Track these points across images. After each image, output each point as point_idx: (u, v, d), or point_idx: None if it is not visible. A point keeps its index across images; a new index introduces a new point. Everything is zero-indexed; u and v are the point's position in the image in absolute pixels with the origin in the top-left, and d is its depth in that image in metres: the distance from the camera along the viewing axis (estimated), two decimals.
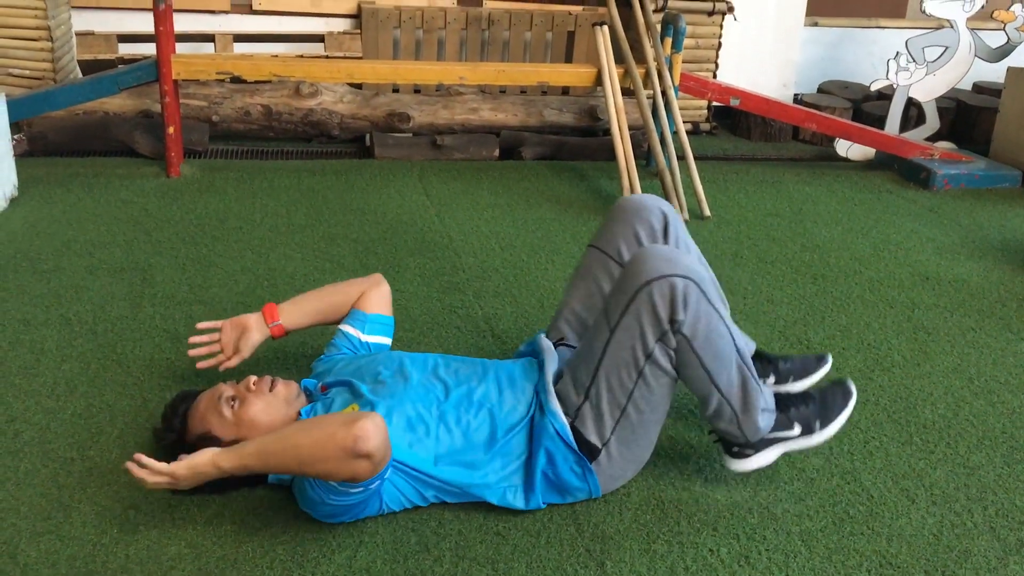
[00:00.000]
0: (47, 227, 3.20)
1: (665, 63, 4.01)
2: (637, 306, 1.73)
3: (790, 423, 1.90)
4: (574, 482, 1.83)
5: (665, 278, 1.71)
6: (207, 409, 1.81)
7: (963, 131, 4.99)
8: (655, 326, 1.73)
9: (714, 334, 1.75)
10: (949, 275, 3.20)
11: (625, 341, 1.75)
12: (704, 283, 1.74)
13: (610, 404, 1.79)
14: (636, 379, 1.77)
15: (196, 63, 3.73)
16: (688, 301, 1.71)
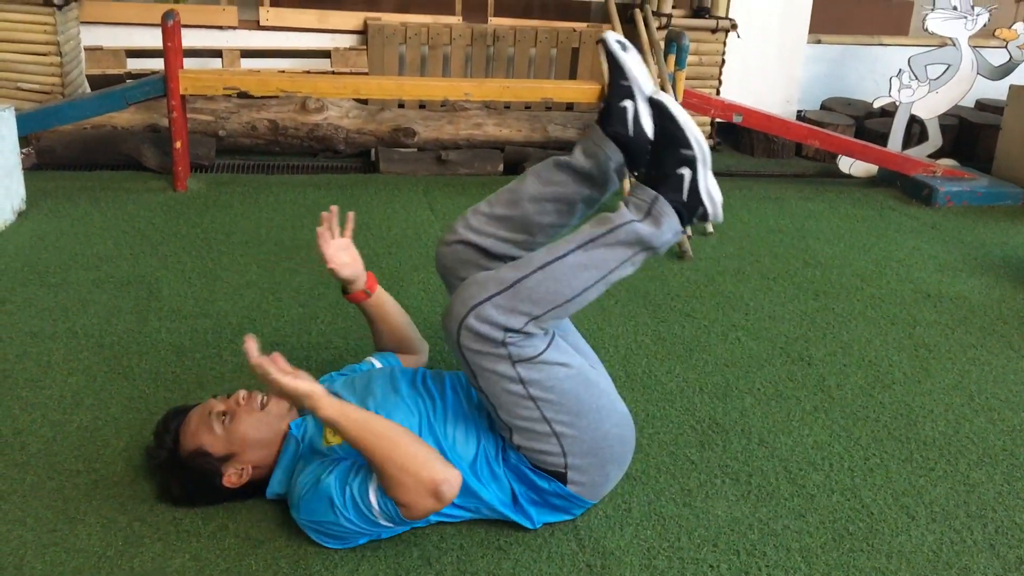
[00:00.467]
0: (55, 240, 3.23)
1: (668, 80, 4.04)
2: (472, 362, 1.70)
3: (677, 180, 1.72)
4: (559, 503, 1.84)
5: (459, 330, 1.67)
6: (198, 425, 1.82)
7: (965, 148, 5.01)
8: (497, 358, 1.69)
9: (536, 291, 1.67)
10: (951, 292, 3.21)
11: (496, 388, 1.72)
12: (481, 293, 1.67)
13: (539, 439, 1.76)
14: (535, 405, 1.73)
15: (203, 78, 3.76)
16: (491, 318, 1.66)
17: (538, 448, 1.77)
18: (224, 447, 1.80)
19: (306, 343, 2.59)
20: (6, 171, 3.33)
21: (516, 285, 1.69)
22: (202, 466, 1.80)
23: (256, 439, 1.82)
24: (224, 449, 1.80)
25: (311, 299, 2.87)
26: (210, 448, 1.80)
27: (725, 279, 3.22)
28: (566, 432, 1.76)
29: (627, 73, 1.87)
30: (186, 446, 1.81)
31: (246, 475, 1.83)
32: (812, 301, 3.08)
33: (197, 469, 1.80)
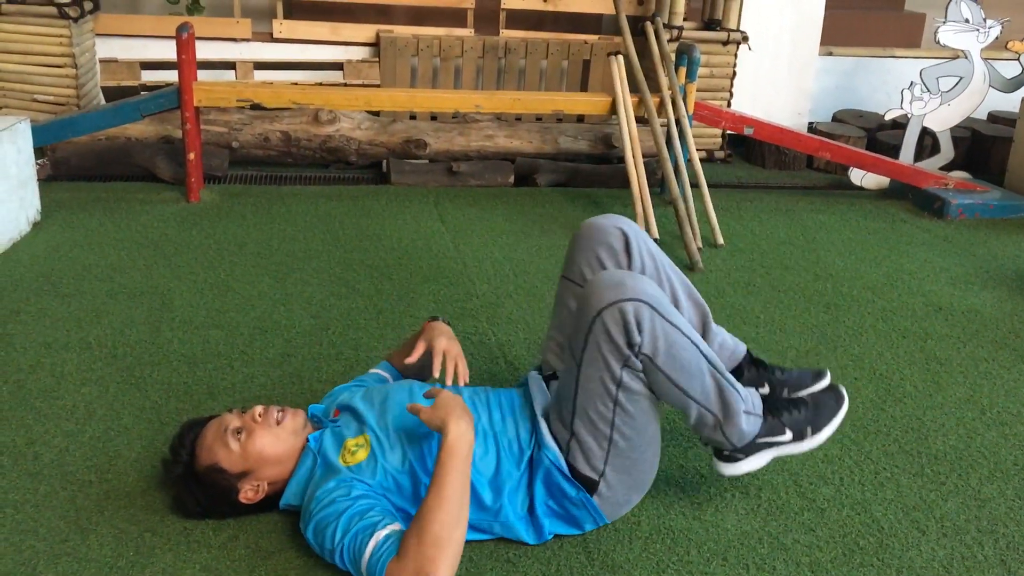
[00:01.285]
0: (69, 251, 3.26)
1: (679, 92, 4.05)
2: (594, 338, 1.73)
3: (782, 428, 1.88)
4: (577, 513, 1.84)
5: (614, 305, 1.70)
6: (214, 441, 1.82)
7: (978, 161, 5.00)
8: (616, 353, 1.72)
9: (675, 348, 1.73)
10: (962, 305, 3.20)
11: (593, 374, 1.75)
12: (655, 300, 1.72)
13: (595, 437, 1.79)
14: (613, 408, 1.76)
15: (217, 90, 3.79)
16: (641, 322, 1.70)
17: (588, 444, 1.79)
18: (240, 464, 1.81)
19: (317, 354, 2.60)
20: (21, 182, 3.36)
21: (675, 329, 1.74)
22: (218, 482, 1.81)
23: (272, 456, 1.82)
24: (240, 466, 1.81)
25: (322, 310, 2.89)
26: (226, 465, 1.80)
27: (735, 291, 3.22)
28: (619, 444, 1.79)
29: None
30: (202, 461, 1.82)
31: (262, 491, 1.84)
32: (823, 314, 3.07)
33: (212, 484, 1.81)
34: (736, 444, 1.86)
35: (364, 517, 1.67)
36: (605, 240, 2.02)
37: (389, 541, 1.62)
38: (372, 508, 1.70)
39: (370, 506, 1.70)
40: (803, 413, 1.91)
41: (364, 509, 1.69)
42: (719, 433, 1.84)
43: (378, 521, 1.66)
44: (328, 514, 1.70)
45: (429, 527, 1.58)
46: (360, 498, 1.72)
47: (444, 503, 1.61)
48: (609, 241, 2.02)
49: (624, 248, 2.01)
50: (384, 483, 1.77)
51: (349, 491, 1.73)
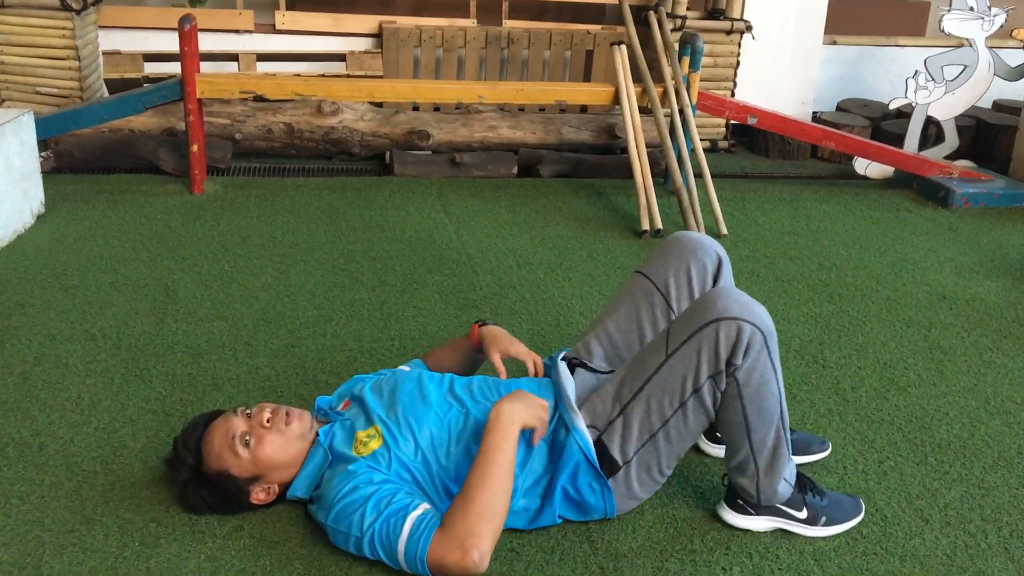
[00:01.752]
0: (73, 243, 3.26)
1: (683, 82, 4.04)
2: (700, 338, 1.74)
3: (801, 505, 1.90)
4: (591, 499, 1.85)
5: (735, 320, 1.72)
6: (222, 448, 1.80)
7: (982, 149, 4.98)
8: (712, 363, 1.74)
9: (765, 388, 1.76)
10: (967, 294, 3.20)
11: (678, 369, 1.77)
12: (771, 338, 1.75)
13: (642, 425, 1.80)
14: (677, 408, 1.78)
15: (220, 82, 3.79)
16: (751, 349, 1.72)
17: (631, 430, 1.81)
18: (250, 470, 1.80)
19: (320, 345, 2.60)
20: (25, 175, 3.37)
21: (773, 372, 1.77)
22: (228, 488, 1.81)
23: (282, 461, 1.82)
24: (250, 472, 1.80)
25: (326, 301, 2.89)
26: (236, 472, 1.80)
27: (739, 281, 3.20)
28: (659, 443, 1.82)
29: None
30: (210, 466, 1.81)
31: (273, 493, 1.85)
32: (827, 303, 3.07)
33: (223, 490, 1.81)
34: (761, 501, 1.88)
35: (393, 501, 1.68)
36: (701, 258, 2.04)
37: (428, 518, 1.64)
38: (398, 491, 1.71)
39: (395, 490, 1.71)
40: (823, 502, 1.92)
41: (390, 493, 1.70)
42: (753, 484, 1.86)
43: (409, 503, 1.67)
44: (352, 501, 1.69)
45: (474, 501, 1.61)
46: (384, 483, 1.72)
47: (488, 478, 1.63)
48: (704, 261, 2.04)
49: (715, 272, 2.05)
50: (400, 473, 1.77)
51: (371, 478, 1.73)
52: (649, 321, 2.04)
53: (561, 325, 2.81)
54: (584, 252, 3.43)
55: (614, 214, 3.88)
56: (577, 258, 3.37)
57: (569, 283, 3.14)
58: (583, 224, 3.74)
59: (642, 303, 2.05)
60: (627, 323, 2.06)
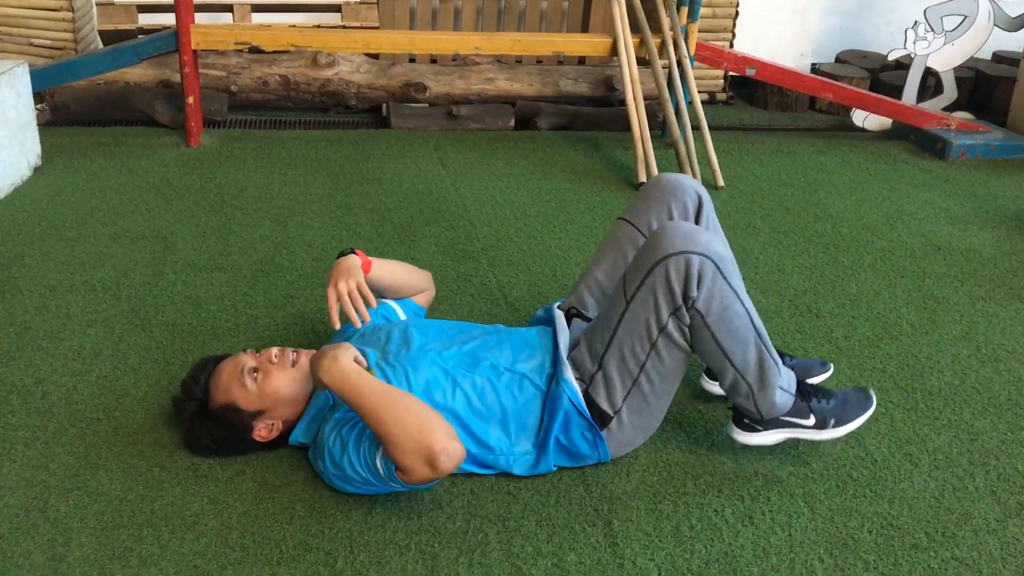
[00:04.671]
0: (71, 195, 3.27)
1: (681, 33, 4.02)
2: (653, 280, 1.76)
3: (807, 412, 1.92)
4: (585, 448, 1.88)
5: (682, 254, 1.73)
6: (230, 380, 1.85)
7: (981, 101, 4.97)
8: (669, 301, 1.76)
9: (729, 312, 1.77)
10: (961, 245, 3.21)
11: (640, 314, 1.79)
12: (722, 261, 1.76)
13: (622, 374, 1.83)
14: (649, 351, 1.81)
15: (215, 33, 3.77)
16: (703, 278, 1.73)
17: (612, 380, 1.83)
18: (256, 403, 1.84)
19: (319, 296, 2.62)
20: (21, 127, 3.36)
21: (733, 294, 1.77)
22: (233, 420, 1.84)
23: (287, 396, 1.86)
24: (256, 405, 1.84)
25: (324, 253, 2.90)
26: (242, 404, 1.84)
27: (735, 233, 3.23)
28: (643, 386, 1.84)
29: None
30: (216, 400, 1.85)
31: (276, 430, 1.88)
32: (822, 254, 3.09)
33: (227, 423, 1.85)
34: (763, 415, 1.89)
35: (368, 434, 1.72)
36: (681, 198, 2.05)
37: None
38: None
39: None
40: (831, 404, 1.94)
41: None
42: (750, 402, 1.88)
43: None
44: (341, 442, 1.74)
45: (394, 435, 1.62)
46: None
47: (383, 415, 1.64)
48: (685, 201, 2.05)
49: (696, 211, 2.06)
50: None
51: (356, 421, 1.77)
52: None
53: (558, 276, 2.83)
54: (581, 204, 3.44)
55: (611, 166, 3.88)
56: (574, 210, 3.38)
57: (566, 235, 3.15)
58: (580, 176, 3.74)
59: (628, 249, 2.07)
60: (614, 270, 2.08)
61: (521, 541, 1.72)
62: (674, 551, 1.72)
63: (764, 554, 1.72)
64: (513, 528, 1.75)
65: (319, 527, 1.73)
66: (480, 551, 1.69)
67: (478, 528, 1.75)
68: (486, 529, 1.75)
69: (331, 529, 1.73)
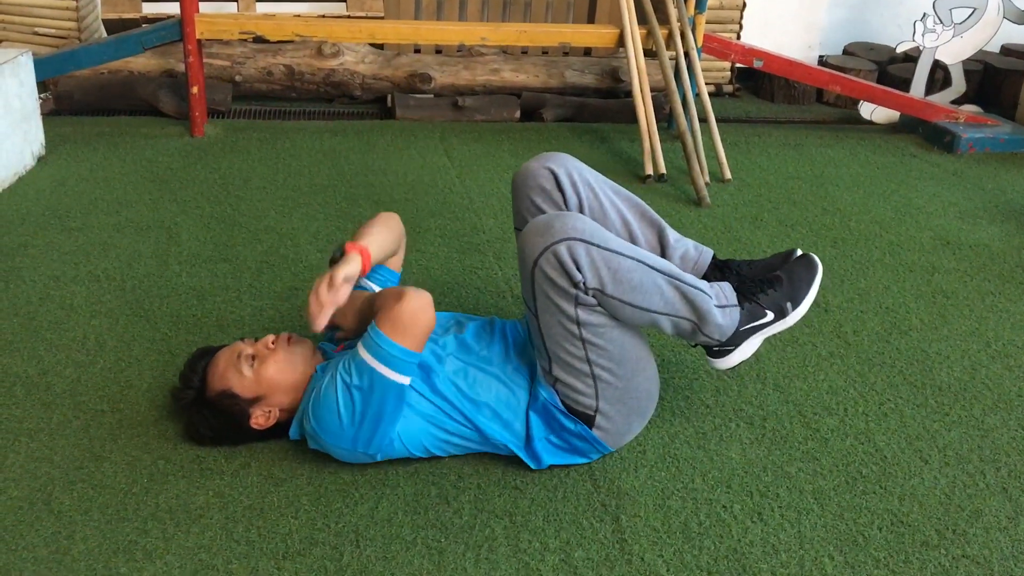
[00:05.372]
0: (74, 185, 3.25)
1: (688, 24, 3.99)
2: (539, 287, 1.72)
3: (761, 311, 1.87)
4: (580, 445, 1.87)
5: (547, 250, 1.68)
6: (227, 367, 1.84)
7: (990, 94, 4.93)
8: (564, 296, 1.71)
9: (621, 272, 1.71)
10: (970, 240, 3.19)
11: (551, 320, 1.75)
12: (585, 233, 1.69)
13: (577, 377, 1.79)
14: (583, 345, 1.76)
15: (219, 22, 3.74)
16: (578, 259, 1.68)
17: (573, 385, 1.80)
18: (252, 390, 1.83)
19: None
20: (24, 116, 3.34)
21: (615, 254, 1.71)
22: (230, 407, 1.83)
23: (284, 382, 1.85)
24: (252, 392, 1.83)
25: (329, 244, 2.89)
26: (238, 390, 1.82)
27: (742, 226, 3.21)
28: (603, 376, 1.80)
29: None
30: (214, 387, 1.84)
31: (273, 417, 1.86)
32: (830, 248, 3.06)
33: (225, 410, 1.83)
34: (720, 339, 1.84)
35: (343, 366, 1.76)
36: (536, 183, 1.96)
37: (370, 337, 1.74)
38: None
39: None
40: (779, 290, 1.88)
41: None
42: (700, 335, 1.83)
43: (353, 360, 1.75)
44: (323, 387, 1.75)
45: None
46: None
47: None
48: (540, 184, 1.96)
49: (555, 186, 1.96)
50: None
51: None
52: None
53: None
54: None
55: (617, 159, 3.86)
56: None
57: None
58: None
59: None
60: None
61: (528, 536, 1.71)
62: (682, 547, 1.70)
63: (773, 551, 1.71)
64: (520, 523, 1.74)
65: (325, 521, 1.72)
66: (487, 546, 1.68)
67: (485, 523, 1.74)
68: (493, 524, 1.73)
69: (337, 523, 1.72)
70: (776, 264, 2.02)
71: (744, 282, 1.92)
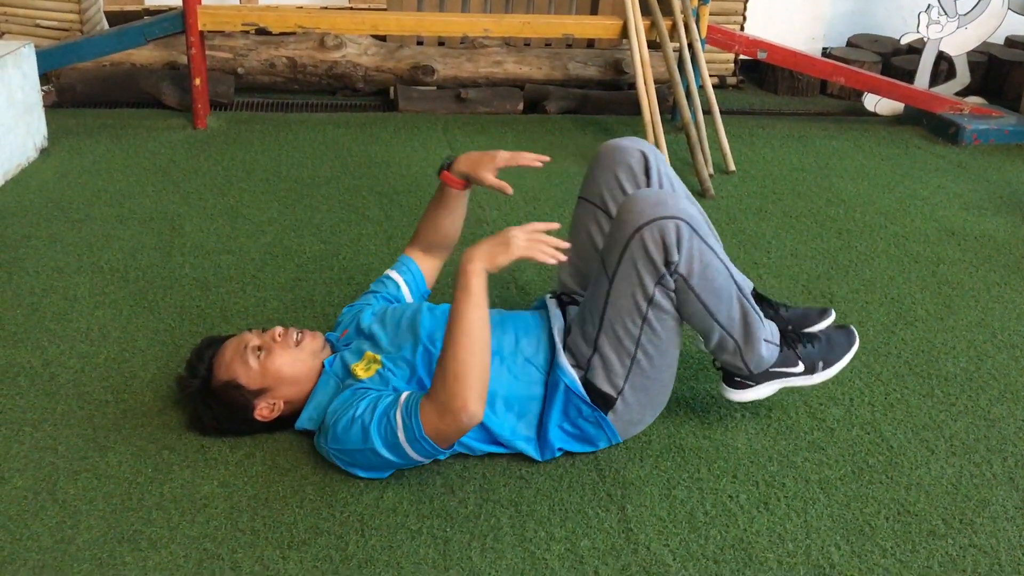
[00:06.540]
0: (77, 177, 3.24)
1: (692, 15, 3.97)
2: (631, 253, 1.73)
3: (795, 360, 1.91)
4: (592, 432, 1.86)
5: (655, 222, 1.70)
6: (233, 357, 1.84)
7: (994, 86, 4.92)
8: (651, 271, 1.73)
9: (710, 270, 1.74)
10: (975, 230, 3.18)
11: (625, 289, 1.76)
12: (695, 221, 1.73)
13: (619, 353, 1.80)
14: (641, 325, 1.78)
15: (222, 14, 3.74)
16: (680, 241, 1.70)
17: (609, 361, 1.80)
18: (258, 381, 1.82)
19: (328, 279, 2.60)
20: (27, 108, 3.34)
21: (711, 251, 1.75)
22: (235, 398, 1.82)
23: (290, 375, 1.84)
24: (258, 383, 1.82)
25: (332, 235, 2.88)
26: (244, 381, 1.82)
27: (747, 217, 3.20)
28: (642, 362, 1.81)
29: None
30: (219, 377, 1.84)
31: (277, 409, 1.85)
32: (835, 239, 3.05)
33: (229, 400, 1.83)
34: (752, 370, 1.88)
35: (382, 399, 1.72)
36: (625, 161, 2.00)
37: (412, 399, 1.67)
38: (381, 394, 1.75)
39: (379, 394, 1.75)
40: (816, 348, 1.93)
41: (375, 398, 1.73)
42: (738, 358, 1.86)
43: (393, 398, 1.71)
44: (348, 418, 1.71)
45: (448, 365, 1.62)
46: (368, 391, 1.77)
47: (457, 337, 1.63)
48: (629, 163, 2.00)
49: (644, 170, 2.00)
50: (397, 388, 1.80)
51: (366, 394, 1.75)
52: (602, 240, 2.01)
53: None
54: None
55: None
56: None
57: None
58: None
59: (590, 225, 2.04)
60: (584, 249, 2.05)
61: (534, 526, 1.70)
62: (688, 537, 1.70)
63: (780, 540, 1.70)
64: (526, 513, 1.73)
65: (330, 511, 1.72)
66: (493, 536, 1.68)
67: (491, 513, 1.73)
68: (499, 514, 1.73)
69: (342, 513, 1.71)
70: (812, 317, 2.09)
71: (786, 327, 1.96)
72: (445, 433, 1.64)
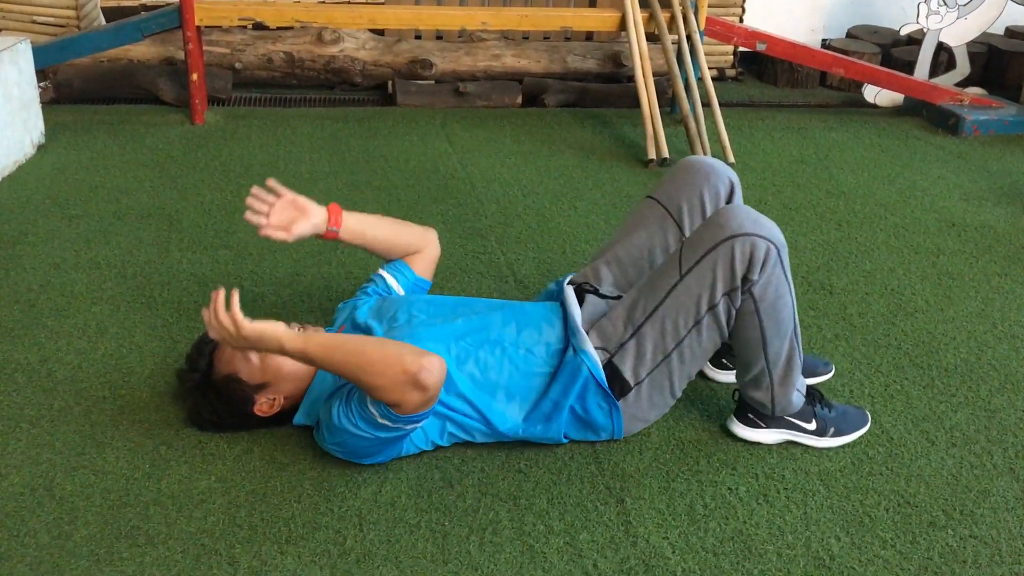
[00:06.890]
0: (74, 173, 3.24)
1: (691, 7, 3.96)
2: (715, 256, 1.75)
3: (810, 417, 1.92)
4: (600, 418, 1.85)
5: (750, 236, 1.73)
6: (233, 353, 1.83)
7: (994, 76, 4.90)
8: (727, 280, 1.75)
9: (781, 301, 1.78)
10: (975, 221, 3.17)
11: (693, 288, 1.77)
12: (783, 250, 1.76)
13: (657, 346, 1.81)
14: (691, 327, 1.79)
15: (219, 9, 3.72)
16: (767, 263, 1.73)
17: (643, 350, 1.81)
18: (259, 376, 1.82)
19: (325, 273, 2.60)
20: (24, 104, 3.33)
21: (787, 284, 1.79)
22: (235, 393, 1.82)
23: (290, 372, 1.83)
24: (259, 378, 1.82)
25: None
26: (245, 376, 1.81)
27: None
28: (672, 363, 1.83)
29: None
30: (220, 371, 1.83)
31: (277, 405, 1.85)
32: (835, 231, 3.05)
33: (229, 395, 1.82)
34: (776, 412, 1.89)
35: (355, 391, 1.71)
36: (715, 183, 2.02)
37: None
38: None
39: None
40: (832, 414, 1.95)
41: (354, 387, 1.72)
42: (767, 396, 1.87)
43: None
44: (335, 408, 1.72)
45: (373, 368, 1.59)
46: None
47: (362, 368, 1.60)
48: (717, 186, 2.02)
49: (728, 197, 2.03)
50: None
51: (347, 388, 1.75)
52: (661, 247, 2.03)
53: (567, 254, 2.79)
54: (590, 181, 3.40)
55: (620, 143, 3.84)
56: (583, 187, 3.34)
57: (575, 212, 3.11)
58: (588, 153, 3.70)
59: (655, 229, 2.04)
60: (638, 249, 2.04)
61: (533, 519, 1.70)
62: (688, 529, 1.69)
63: (779, 532, 1.70)
64: (524, 506, 1.73)
65: (328, 505, 1.71)
66: (491, 529, 1.67)
67: (489, 506, 1.73)
68: (497, 507, 1.72)
69: (340, 507, 1.71)
70: (817, 367, 2.18)
71: (810, 388, 1.97)
72: (425, 397, 1.61)
